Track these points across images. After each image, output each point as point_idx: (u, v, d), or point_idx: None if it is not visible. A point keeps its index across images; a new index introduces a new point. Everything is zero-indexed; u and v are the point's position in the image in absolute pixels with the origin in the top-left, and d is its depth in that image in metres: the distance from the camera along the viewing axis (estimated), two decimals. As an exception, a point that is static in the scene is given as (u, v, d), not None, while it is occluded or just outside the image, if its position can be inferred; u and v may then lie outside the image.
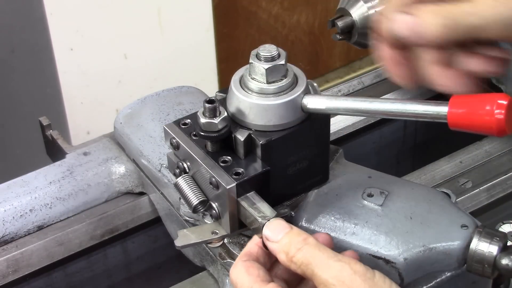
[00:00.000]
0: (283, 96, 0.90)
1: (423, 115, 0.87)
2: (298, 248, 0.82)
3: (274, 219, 0.86)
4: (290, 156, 0.92)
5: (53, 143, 1.29)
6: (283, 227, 0.84)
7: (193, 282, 1.11)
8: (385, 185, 0.96)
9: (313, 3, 2.80)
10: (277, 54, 0.90)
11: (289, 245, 0.83)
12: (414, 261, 0.90)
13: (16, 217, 1.13)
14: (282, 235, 0.84)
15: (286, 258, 0.83)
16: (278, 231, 0.84)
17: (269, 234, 0.85)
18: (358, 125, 1.34)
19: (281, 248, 0.83)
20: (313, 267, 0.81)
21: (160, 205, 1.16)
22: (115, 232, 1.19)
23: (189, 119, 0.95)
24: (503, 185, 1.22)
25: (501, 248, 0.89)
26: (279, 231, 0.84)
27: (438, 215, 0.93)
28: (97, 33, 2.19)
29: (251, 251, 0.86)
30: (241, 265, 0.84)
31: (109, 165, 1.19)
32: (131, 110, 1.22)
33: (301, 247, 0.82)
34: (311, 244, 0.82)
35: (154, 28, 2.29)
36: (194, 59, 2.40)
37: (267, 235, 0.85)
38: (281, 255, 0.83)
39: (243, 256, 0.85)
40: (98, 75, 2.25)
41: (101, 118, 2.22)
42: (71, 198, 1.16)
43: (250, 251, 0.86)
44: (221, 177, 0.88)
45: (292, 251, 0.82)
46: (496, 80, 1.28)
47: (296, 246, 0.82)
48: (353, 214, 0.94)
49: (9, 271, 1.12)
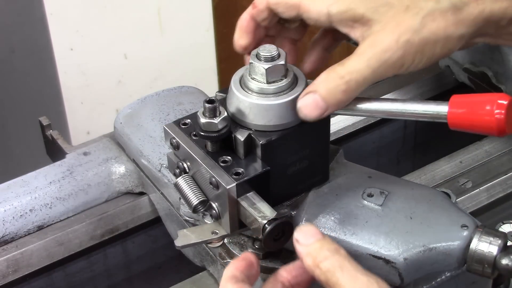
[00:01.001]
0: (283, 96, 0.90)
1: (423, 115, 0.87)
2: (327, 255, 0.83)
3: (307, 224, 0.87)
4: (290, 156, 0.92)
5: (53, 143, 1.29)
6: (316, 233, 0.85)
7: (193, 282, 1.11)
8: (385, 185, 0.96)
9: (313, 3, 2.80)
10: (277, 54, 0.90)
11: (319, 251, 0.83)
12: (414, 261, 0.90)
13: (16, 217, 1.13)
14: (314, 240, 0.84)
15: (313, 262, 0.83)
16: (310, 235, 0.85)
17: (300, 237, 0.85)
18: (358, 125, 1.34)
19: (309, 252, 0.84)
20: (340, 276, 0.81)
21: (160, 205, 1.16)
22: (115, 232, 1.19)
23: (189, 119, 0.95)
24: (503, 185, 1.22)
25: (501, 248, 0.89)
26: (311, 235, 0.85)
27: (438, 215, 0.93)
28: (97, 33, 2.19)
29: (235, 274, 0.85)
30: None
31: (109, 165, 1.19)
32: (131, 110, 1.22)
33: (332, 255, 0.83)
34: (341, 254, 0.83)
35: (154, 28, 2.28)
36: (194, 59, 2.39)
37: (298, 238, 0.85)
38: (308, 259, 0.84)
39: (230, 280, 0.84)
40: (98, 75, 2.25)
41: (101, 118, 2.21)
42: (71, 198, 1.16)
43: (234, 275, 0.85)
44: (221, 177, 0.88)
45: (321, 256, 0.83)
46: (496, 80, 1.28)
47: (326, 253, 0.83)
48: (353, 214, 0.93)
49: (9, 271, 1.12)
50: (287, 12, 0.92)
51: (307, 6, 0.90)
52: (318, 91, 0.87)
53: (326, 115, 0.88)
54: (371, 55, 0.86)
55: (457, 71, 1.36)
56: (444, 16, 0.86)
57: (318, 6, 0.90)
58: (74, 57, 2.18)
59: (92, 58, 2.21)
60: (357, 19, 0.88)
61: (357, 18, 0.88)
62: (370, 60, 0.86)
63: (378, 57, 0.86)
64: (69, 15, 2.12)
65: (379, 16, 0.87)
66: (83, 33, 2.16)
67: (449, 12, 0.86)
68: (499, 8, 0.87)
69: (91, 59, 2.21)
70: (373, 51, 0.86)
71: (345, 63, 0.87)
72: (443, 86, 1.38)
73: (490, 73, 1.28)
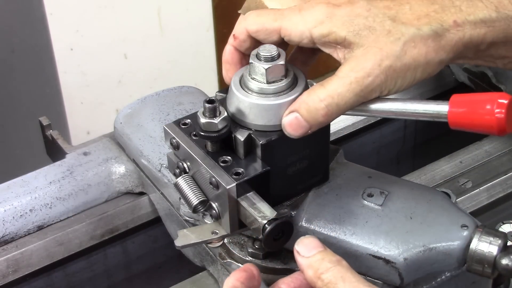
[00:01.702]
0: (283, 96, 0.90)
1: (423, 114, 0.87)
2: (329, 267, 0.83)
3: (308, 236, 0.88)
4: (290, 156, 0.92)
5: (53, 143, 1.29)
6: (317, 245, 0.86)
7: (193, 282, 1.11)
8: (385, 185, 0.96)
9: (313, 3, 2.80)
10: (277, 54, 0.90)
11: (320, 262, 0.84)
12: (414, 261, 0.90)
13: (16, 217, 1.13)
14: (315, 252, 0.85)
15: (314, 274, 0.84)
16: (311, 247, 0.86)
17: (301, 249, 0.86)
18: (358, 125, 1.34)
19: (311, 263, 0.84)
20: (342, 287, 0.82)
21: (160, 205, 1.16)
22: (115, 232, 1.19)
23: (189, 119, 0.95)
24: (503, 185, 1.22)
25: (501, 248, 0.89)
26: (312, 248, 0.86)
27: (438, 215, 0.93)
28: (97, 33, 2.19)
29: (236, 285, 0.85)
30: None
31: (109, 165, 1.19)
32: (131, 110, 1.22)
33: (333, 266, 0.83)
34: (343, 266, 0.84)
35: (154, 28, 2.28)
36: (194, 59, 2.39)
37: (299, 250, 0.86)
38: (309, 271, 0.84)
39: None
40: (98, 75, 2.25)
41: (101, 118, 2.21)
42: (71, 198, 1.16)
43: (235, 286, 0.85)
44: (221, 177, 0.88)
45: (322, 268, 0.83)
46: (496, 80, 1.28)
47: (328, 265, 0.83)
48: (353, 214, 0.93)
49: (9, 271, 1.12)
50: (269, 37, 0.92)
51: (289, 30, 0.90)
52: (299, 111, 0.88)
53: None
54: (353, 79, 0.86)
55: (457, 71, 1.36)
56: (425, 43, 0.87)
57: (299, 30, 0.89)
58: (74, 57, 2.17)
59: (92, 58, 2.21)
60: (339, 42, 0.88)
61: (339, 41, 0.88)
62: (352, 84, 0.86)
63: (360, 81, 0.86)
64: (69, 15, 2.12)
65: (361, 39, 0.87)
66: (83, 33, 2.16)
67: (430, 39, 0.87)
68: (478, 34, 0.88)
69: (91, 59, 2.21)
70: (355, 75, 0.86)
71: (326, 85, 0.87)
72: (443, 86, 1.38)
73: (490, 73, 1.28)
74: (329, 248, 0.92)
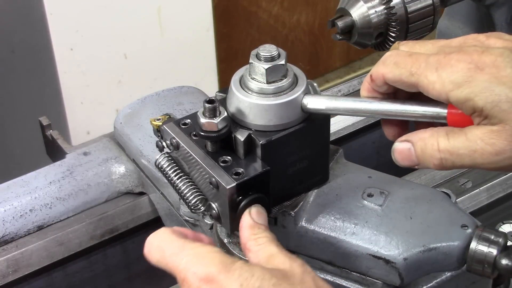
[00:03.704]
0: (283, 96, 0.90)
1: (422, 115, 0.87)
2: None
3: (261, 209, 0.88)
4: (290, 156, 0.92)
5: (53, 143, 1.29)
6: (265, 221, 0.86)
7: (193, 282, 1.11)
8: (385, 185, 0.96)
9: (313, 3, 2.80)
10: (277, 54, 0.90)
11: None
12: (414, 261, 0.90)
13: (16, 217, 1.14)
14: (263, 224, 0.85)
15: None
16: (263, 218, 0.86)
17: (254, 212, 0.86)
18: (358, 125, 1.34)
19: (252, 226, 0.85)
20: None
21: (160, 205, 1.16)
22: (115, 232, 1.19)
23: (189, 119, 0.95)
24: (503, 185, 1.22)
25: (501, 248, 0.89)
26: (263, 219, 0.86)
27: (438, 215, 0.93)
28: (97, 33, 2.19)
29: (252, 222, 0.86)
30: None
31: (109, 165, 1.19)
32: (131, 110, 1.22)
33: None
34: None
35: (154, 28, 2.29)
36: (194, 59, 2.40)
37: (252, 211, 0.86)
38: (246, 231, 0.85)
39: (251, 228, 0.85)
40: (98, 75, 2.25)
41: (101, 118, 2.22)
42: (71, 198, 1.16)
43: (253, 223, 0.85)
44: (221, 177, 0.88)
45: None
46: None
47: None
48: (353, 214, 0.93)
49: (9, 271, 1.12)
50: (407, 89, 0.86)
51: (425, 88, 0.83)
52: (414, 146, 0.85)
53: (417, 168, 0.86)
54: (479, 148, 0.80)
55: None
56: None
57: (436, 90, 0.82)
58: (74, 57, 2.18)
59: (92, 58, 2.21)
60: (476, 110, 0.80)
61: (476, 110, 0.80)
62: (476, 153, 0.81)
63: (486, 157, 0.80)
64: (69, 15, 2.12)
65: (500, 113, 0.79)
66: (83, 33, 2.16)
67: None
68: None
69: (91, 59, 2.21)
70: (482, 147, 0.80)
71: (451, 138, 0.82)
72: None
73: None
74: (329, 248, 0.92)
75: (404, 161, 0.86)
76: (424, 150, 0.84)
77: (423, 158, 0.84)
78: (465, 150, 0.81)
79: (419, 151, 0.85)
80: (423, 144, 0.84)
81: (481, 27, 1.36)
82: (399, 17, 1.15)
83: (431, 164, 0.84)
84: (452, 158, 0.82)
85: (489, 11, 1.30)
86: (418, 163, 0.85)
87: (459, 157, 0.82)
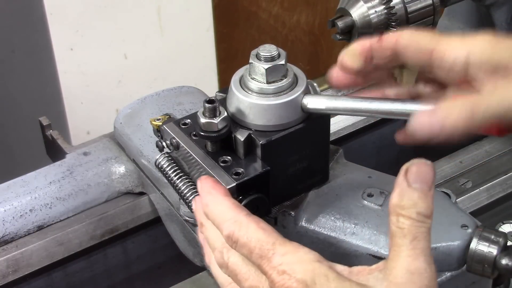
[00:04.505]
0: (283, 96, 0.90)
1: (423, 115, 0.87)
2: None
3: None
4: (290, 156, 0.92)
5: (53, 143, 1.29)
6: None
7: (193, 282, 1.11)
8: (385, 185, 0.96)
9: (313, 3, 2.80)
10: (277, 54, 0.90)
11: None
12: (414, 261, 0.90)
13: (16, 217, 1.13)
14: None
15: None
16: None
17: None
18: (358, 125, 1.34)
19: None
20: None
21: (160, 205, 1.16)
22: (115, 232, 1.19)
23: (189, 119, 0.95)
24: (503, 185, 1.22)
25: (501, 248, 0.89)
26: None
27: (438, 215, 0.93)
28: (97, 33, 2.19)
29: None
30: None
31: (109, 165, 1.19)
32: (131, 110, 1.22)
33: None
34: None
35: (154, 28, 2.29)
36: (194, 59, 2.39)
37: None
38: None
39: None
40: (98, 75, 2.25)
41: (101, 118, 2.21)
42: (71, 198, 1.16)
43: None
44: (221, 177, 0.88)
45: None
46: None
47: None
48: (353, 214, 0.94)
49: (9, 271, 1.12)
50: (416, 56, 0.84)
51: (442, 52, 0.82)
52: (438, 106, 0.82)
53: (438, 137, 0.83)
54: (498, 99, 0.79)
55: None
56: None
57: (455, 53, 0.81)
58: (74, 57, 2.18)
59: (92, 58, 2.21)
60: (499, 69, 0.80)
61: (499, 67, 0.80)
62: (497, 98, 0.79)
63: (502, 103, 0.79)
64: (69, 15, 2.12)
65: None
66: (83, 33, 2.16)
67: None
68: None
69: (91, 59, 2.21)
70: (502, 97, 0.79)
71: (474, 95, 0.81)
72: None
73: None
74: (329, 248, 0.92)
75: (424, 125, 0.82)
76: (450, 105, 0.81)
77: (447, 110, 0.81)
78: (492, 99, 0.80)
79: (443, 106, 0.81)
80: (448, 102, 0.82)
81: (481, 27, 1.36)
82: (399, 17, 1.15)
83: (458, 119, 0.80)
84: (480, 112, 0.80)
85: (489, 11, 1.30)
86: (442, 121, 0.81)
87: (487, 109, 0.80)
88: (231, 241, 0.80)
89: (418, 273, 0.74)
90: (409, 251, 0.74)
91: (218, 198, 0.84)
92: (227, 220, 0.81)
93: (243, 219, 0.80)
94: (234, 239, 0.80)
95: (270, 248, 0.78)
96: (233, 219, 0.81)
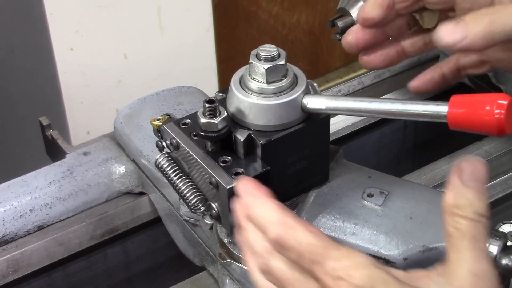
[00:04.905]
0: (283, 96, 0.90)
1: (423, 115, 0.87)
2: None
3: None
4: (290, 156, 0.92)
5: (53, 143, 1.29)
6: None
7: (193, 282, 1.11)
8: (385, 185, 0.96)
9: (313, 3, 2.80)
10: (277, 54, 0.90)
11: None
12: (414, 261, 0.90)
13: (16, 217, 1.14)
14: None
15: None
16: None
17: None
18: (358, 125, 1.34)
19: None
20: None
21: (160, 205, 1.16)
22: (115, 232, 1.19)
23: (189, 119, 0.95)
24: (503, 185, 1.22)
25: (501, 248, 0.89)
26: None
27: (438, 215, 0.93)
28: (97, 33, 2.19)
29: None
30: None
31: (109, 165, 1.19)
32: (131, 110, 1.22)
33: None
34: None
35: (154, 28, 2.28)
36: (194, 59, 2.39)
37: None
38: None
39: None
40: (98, 75, 2.25)
41: (101, 118, 2.21)
42: (71, 198, 1.16)
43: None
44: (221, 177, 0.88)
45: None
46: (496, 80, 1.28)
47: None
48: (353, 214, 0.94)
49: (9, 271, 1.12)
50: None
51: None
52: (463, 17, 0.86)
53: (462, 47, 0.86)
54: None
55: (457, 71, 1.36)
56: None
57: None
58: (74, 57, 2.18)
59: (92, 58, 2.21)
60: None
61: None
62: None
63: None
64: (69, 15, 2.12)
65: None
66: (83, 33, 2.16)
67: None
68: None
69: (91, 59, 2.21)
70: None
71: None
72: (443, 86, 1.38)
73: (490, 73, 1.28)
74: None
75: (448, 33, 0.86)
76: (472, 16, 0.85)
77: (470, 19, 0.85)
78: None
79: (467, 17, 0.85)
80: (471, 14, 0.86)
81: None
82: (399, 17, 1.15)
83: (481, 24, 0.84)
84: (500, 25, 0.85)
85: (489, 11, 1.29)
86: (464, 28, 0.85)
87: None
88: (278, 245, 0.75)
89: (483, 275, 0.72)
90: (470, 252, 0.72)
91: (261, 199, 0.78)
92: (273, 223, 0.75)
93: (291, 222, 0.75)
94: (281, 243, 0.74)
95: (322, 252, 0.73)
96: (279, 221, 0.75)
